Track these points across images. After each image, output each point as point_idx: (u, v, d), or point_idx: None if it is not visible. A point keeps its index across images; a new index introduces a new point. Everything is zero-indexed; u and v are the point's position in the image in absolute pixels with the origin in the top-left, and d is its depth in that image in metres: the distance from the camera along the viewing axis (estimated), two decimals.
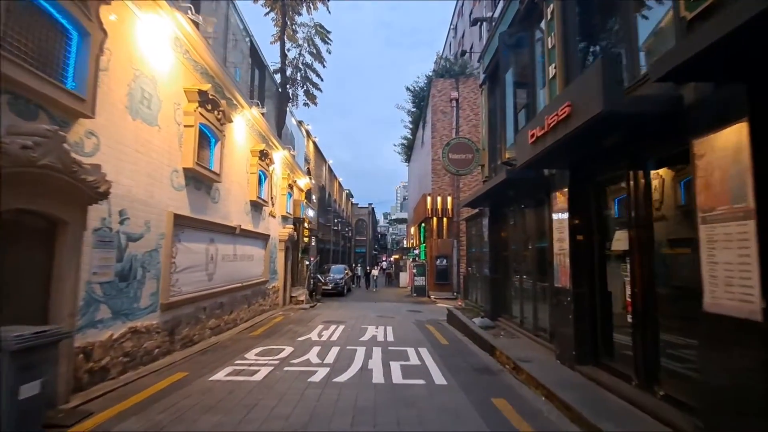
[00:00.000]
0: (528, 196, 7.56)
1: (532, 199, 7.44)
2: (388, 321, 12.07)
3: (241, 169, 10.34)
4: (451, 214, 20.66)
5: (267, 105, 14.49)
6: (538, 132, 4.84)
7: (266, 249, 12.62)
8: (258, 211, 11.78)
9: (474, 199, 8.90)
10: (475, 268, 12.15)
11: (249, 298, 11.09)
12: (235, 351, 7.52)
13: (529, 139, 5.10)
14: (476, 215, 11.64)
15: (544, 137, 4.77)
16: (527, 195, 7.52)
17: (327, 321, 11.63)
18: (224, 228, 9.20)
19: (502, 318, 9.15)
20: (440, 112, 21.33)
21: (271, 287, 13.20)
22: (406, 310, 15.91)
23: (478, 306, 10.75)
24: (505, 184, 6.81)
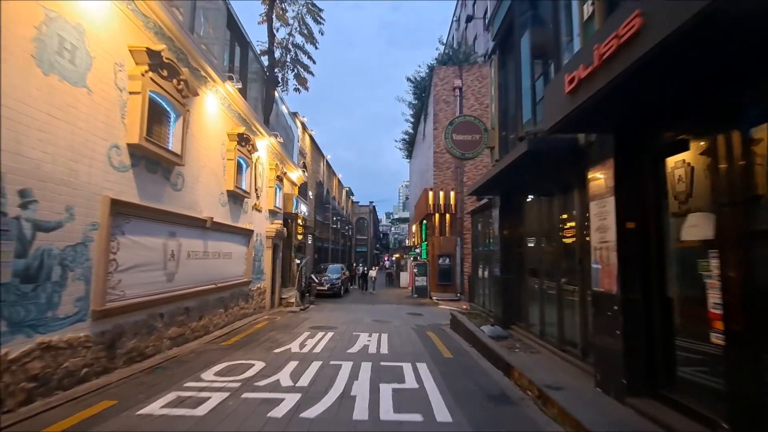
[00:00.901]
0: (552, 178, 6.08)
1: (558, 181, 5.97)
2: (384, 326, 10.62)
3: (214, 153, 8.93)
4: (455, 210, 19.18)
5: (252, 89, 13.09)
6: (582, 72, 3.38)
7: (249, 246, 11.20)
8: (238, 203, 10.36)
9: (482, 185, 7.44)
10: (483, 267, 10.68)
11: (226, 301, 9.67)
12: (193, 368, 6.10)
13: (565, 87, 3.65)
14: (483, 207, 10.17)
15: (590, 79, 3.31)
16: (551, 176, 6.04)
17: (315, 326, 10.20)
18: (190, 220, 7.79)
19: (516, 326, 7.68)
20: (442, 101, 19.86)
21: (255, 288, 11.79)
22: (406, 313, 14.46)
23: (487, 311, 9.29)
24: (525, 159, 5.33)
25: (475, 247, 11.55)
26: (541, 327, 6.59)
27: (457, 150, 8.24)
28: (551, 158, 5.26)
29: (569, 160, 5.10)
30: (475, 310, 10.50)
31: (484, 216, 10.32)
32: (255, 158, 11.48)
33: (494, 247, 8.44)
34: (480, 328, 7.67)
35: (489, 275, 9.72)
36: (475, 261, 11.45)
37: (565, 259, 5.86)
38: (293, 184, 17.13)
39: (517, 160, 5.45)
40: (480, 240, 11.02)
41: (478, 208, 10.67)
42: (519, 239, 7.69)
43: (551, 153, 5.04)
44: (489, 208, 9.91)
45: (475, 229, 11.42)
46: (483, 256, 10.61)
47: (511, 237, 7.88)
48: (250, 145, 10.57)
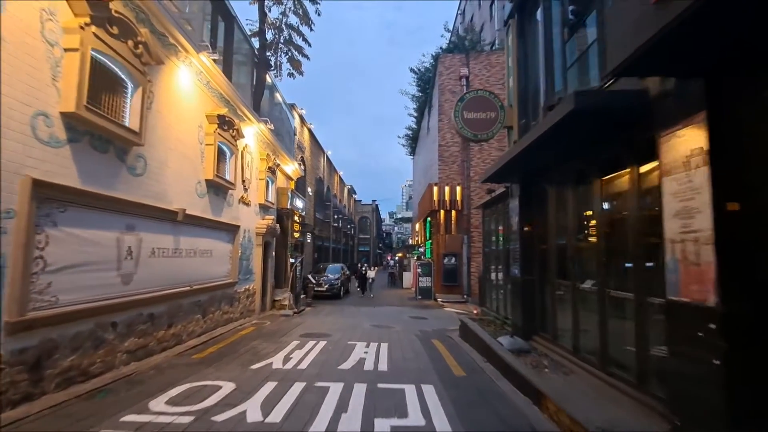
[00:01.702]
0: (595, 154, 4.75)
1: (604, 157, 4.66)
2: (384, 333, 9.36)
3: (189, 137, 7.71)
4: (461, 206, 17.90)
5: (241, 73, 11.88)
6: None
7: (235, 243, 9.99)
8: (220, 195, 9.15)
9: (500, 169, 6.15)
10: (495, 268, 9.39)
11: (205, 305, 8.45)
12: (145, 391, 4.87)
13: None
14: (497, 199, 8.90)
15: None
16: (594, 152, 4.72)
17: (307, 334, 8.96)
18: (156, 212, 6.58)
19: (539, 338, 6.40)
20: (448, 91, 18.58)
21: (242, 290, 10.57)
22: (409, 316, 13.21)
23: (501, 317, 8.02)
24: (561, 129, 4.03)
25: (486, 245, 10.27)
26: (575, 341, 5.30)
27: (468, 130, 6.97)
28: (599, 122, 3.97)
29: (629, 121, 3.80)
30: (488, 315, 9.22)
31: (498, 209, 9.03)
32: (241, 146, 10.26)
33: (512, 244, 7.16)
34: (497, 340, 6.40)
35: (504, 277, 8.44)
36: (487, 260, 10.17)
37: (612, 257, 4.58)
38: (289, 178, 15.92)
39: (550, 130, 4.17)
40: (492, 237, 9.73)
41: (491, 201, 9.39)
42: (543, 234, 6.40)
43: (603, 114, 3.75)
44: (504, 200, 8.63)
45: (486, 225, 10.14)
46: (496, 255, 9.32)
47: (533, 232, 6.61)
48: (235, 130, 9.35)
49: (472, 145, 18.02)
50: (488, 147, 17.98)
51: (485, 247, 10.36)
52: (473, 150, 18.04)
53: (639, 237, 4.01)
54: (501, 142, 17.86)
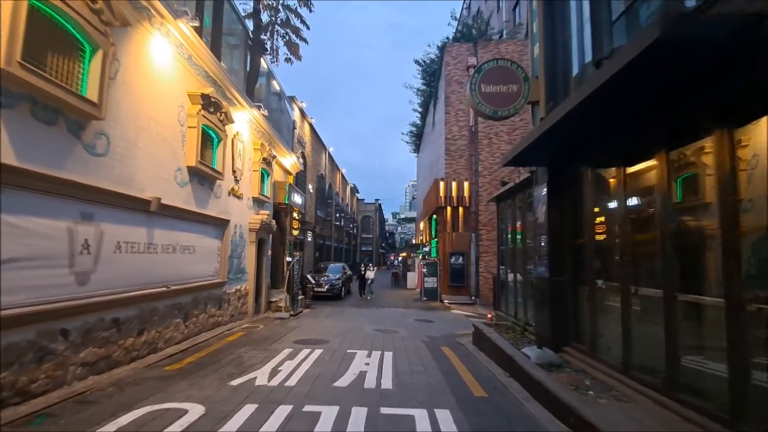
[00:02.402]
0: (665, 113, 3.68)
1: (674, 118, 3.61)
2: (388, 339, 8.36)
3: (166, 116, 6.75)
4: (468, 203, 16.86)
5: (233, 56, 10.93)
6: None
7: (224, 239, 9.01)
8: (206, 184, 8.18)
9: (526, 148, 5.04)
10: (512, 267, 8.34)
11: (187, 307, 7.48)
12: (92, 417, 3.90)
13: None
14: (514, 190, 7.87)
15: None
16: (663, 109, 3.65)
17: (301, 340, 7.97)
18: (122, 199, 5.61)
19: (572, 349, 5.36)
20: (455, 82, 17.56)
21: (233, 291, 9.59)
22: (414, 319, 12.19)
23: (522, 323, 6.98)
24: (641, 65, 2.88)
25: (501, 242, 9.22)
26: (625, 356, 4.26)
27: (486, 105, 5.95)
28: (681, 67, 2.93)
29: (727, 63, 2.78)
30: (504, 321, 8.17)
31: (516, 201, 7.99)
32: (232, 133, 9.30)
33: (537, 239, 6.11)
34: (522, 351, 5.36)
35: (524, 277, 7.40)
36: (502, 259, 9.12)
37: (687, 253, 3.55)
38: (287, 172, 14.94)
39: (610, 81, 3.12)
40: (508, 233, 8.69)
41: (506, 192, 8.34)
42: (578, 227, 5.37)
43: (693, 52, 2.71)
44: (523, 190, 7.60)
45: (501, 220, 9.08)
46: (513, 253, 8.28)
47: (564, 224, 5.57)
48: (223, 114, 8.38)
49: (481, 138, 17.01)
50: (497, 140, 16.96)
51: (500, 245, 9.31)
52: (482, 143, 17.01)
53: (733, 226, 2.98)
54: (511, 135, 16.84)
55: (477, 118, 17.03)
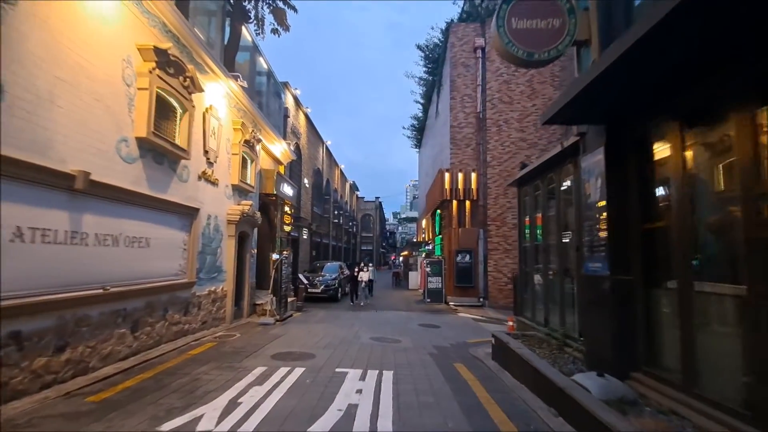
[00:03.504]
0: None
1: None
2: (387, 351, 6.82)
3: (103, 69, 5.22)
4: (476, 196, 15.30)
5: (210, 23, 9.40)
6: None
7: (192, 231, 7.48)
8: (165, 163, 6.65)
9: (576, 98, 3.48)
10: (539, 265, 6.74)
11: (137, 314, 5.94)
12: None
13: None
14: (544, 168, 6.28)
15: None
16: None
17: (281, 354, 6.42)
18: (26, 171, 4.08)
19: (644, 376, 3.80)
20: (461, 65, 16.02)
21: (205, 293, 8.05)
22: (418, 324, 10.66)
23: (559, 335, 5.40)
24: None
25: (523, 235, 7.65)
26: (753, 396, 2.71)
27: (518, 47, 4.38)
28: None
29: None
30: (530, 330, 6.60)
31: (545, 183, 6.41)
32: (202, 105, 7.78)
33: (586, 225, 4.54)
34: (574, 380, 3.80)
35: (558, 277, 5.81)
36: (525, 256, 7.54)
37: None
38: (277, 161, 13.41)
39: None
40: (534, 224, 7.11)
41: (534, 172, 6.72)
42: (651, 206, 3.84)
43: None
44: (553, 169, 6.04)
45: (524, 208, 7.50)
46: (542, 248, 6.70)
47: (629, 203, 4.02)
48: (188, 79, 6.85)
49: (489, 126, 15.46)
50: (507, 127, 15.42)
51: (521, 239, 7.74)
52: (490, 131, 15.45)
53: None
54: (522, 122, 15.28)
55: (485, 103, 15.51)
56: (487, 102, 15.54)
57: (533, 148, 15.17)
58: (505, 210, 15.07)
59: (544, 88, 15.47)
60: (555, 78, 15.51)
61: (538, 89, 15.47)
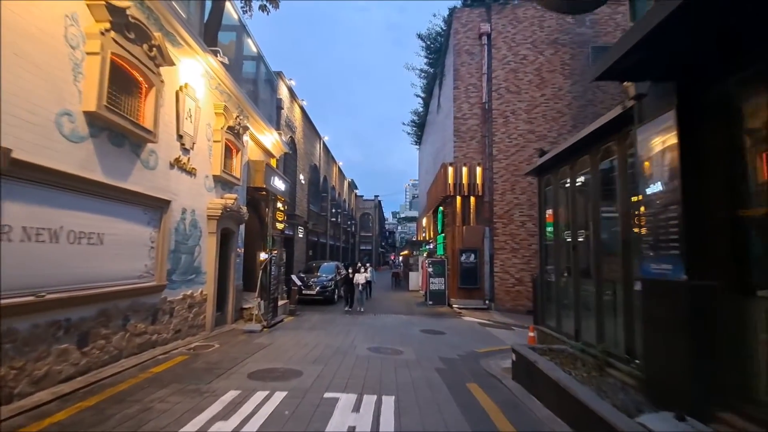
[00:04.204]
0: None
1: None
2: (387, 367, 5.79)
3: (35, 24, 4.18)
4: (481, 191, 14.26)
5: None
6: None
7: (162, 227, 6.43)
8: (128, 146, 5.61)
9: (639, 43, 2.51)
10: (566, 267, 5.68)
11: (88, 325, 4.91)
12: None
13: None
14: (574, 151, 5.24)
15: None
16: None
17: (261, 372, 5.38)
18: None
19: (739, 418, 2.77)
20: (465, 52, 14.98)
21: (178, 298, 7.01)
22: (420, 330, 9.64)
23: (597, 351, 4.35)
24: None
25: (544, 232, 6.60)
26: None
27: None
28: None
29: None
30: (555, 343, 5.57)
31: (575, 169, 5.37)
32: (175, 82, 6.74)
33: (652, 210, 3.51)
34: (640, 423, 2.77)
35: (593, 281, 4.74)
36: (547, 256, 6.48)
37: None
38: (268, 153, 12.38)
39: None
40: (559, 219, 6.06)
41: (560, 157, 5.67)
42: (744, 191, 2.82)
43: None
44: (583, 151, 5.00)
45: (547, 200, 6.41)
46: (568, 247, 5.66)
47: (708, 185, 3.01)
48: (154, 49, 5.80)
49: (495, 117, 14.43)
50: (514, 119, 14.39)
51: (542, 236, 6.68)
52: (496, 123, 14.41)
53: None
54: (531, 113, 14.25)
55: (491, 93, 14.48)
56: (493, 92, 14.51)
57: (543, 140, 14.13)
58: (513, 206, 14.04)
59: (553, 77, 14.44)
60: (565, 67, 14.50)
61: (547, 78, 14.44)
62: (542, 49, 14.59)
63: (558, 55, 14.54)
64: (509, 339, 9.32)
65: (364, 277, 13.10)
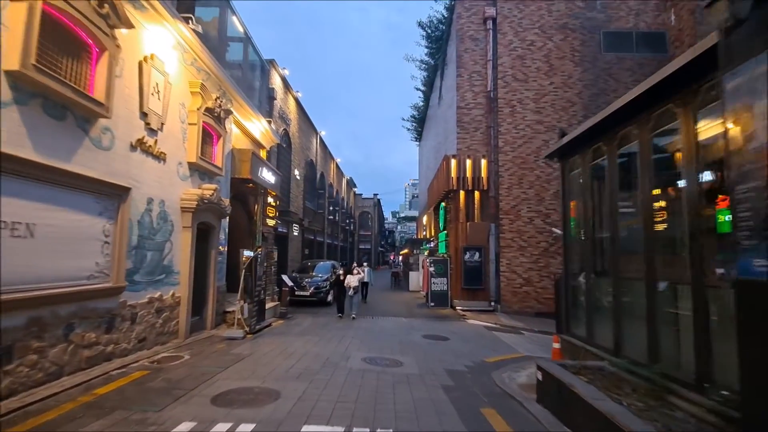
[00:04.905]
0: None
1: None
2: (384, 385, 4.80)
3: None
4: (486, 185, 13.28)
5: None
6: None
7: (119, 218, 5.44)
8: (72, 119, 4.63)
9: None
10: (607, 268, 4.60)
11: (9, 338, 3.91)
12: None
13: None
14: (613, 123, 4.22)
15: None
16: None
17: (228, 394, 4.38)
18: None
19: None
20: (469, 38, 13.99)
21: (144, 301, 6.02)
22: (423, 336, 8.67)
23: (652, 374, 3.38)
24: None
25: (568, 226, 5.54)
26: None
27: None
28: None
29: None
30: (587, 357, 4.59)
31: (622, 140, 4.30)
32: (138, 50, 5.75)
33: (754, 199, 2.55)
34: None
35: (649, 283, 3.70)
36: (573, 254, 5.45)
37: None
38: (257, 143, 11.39)
39: None
40: (590, 210, 5.01)
41: (594, 131, 4.59)
42: None
43: None
44: (654, 107, 3.99)
45: (574, 187, 5.37)
46: (603, 243, 4.64)
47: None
48: (104, 5, 4.81)
49: (501, 107, 13.45)
50: (521, 108, 13.41)
51: (567, 232, 5.62)
52: (502, 113, 13.43)
53: None
54: (539, 102, 13.27)
55: (496, 81, 13.48)
56: (498, 80, 13.52)
57: (551, 131, 13.15)
58: (520, 201, 13.05)
59: (563, 64, 13.47)
60: (575, 53, 13.53)
61: (556, 65, 13.47)
62: (551, 35, 13.61)
63: (567, 41, 13.57)
64: (520, 345, 8.36)
65: (357, 279, 11.24)
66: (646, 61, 13.21)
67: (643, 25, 13.59)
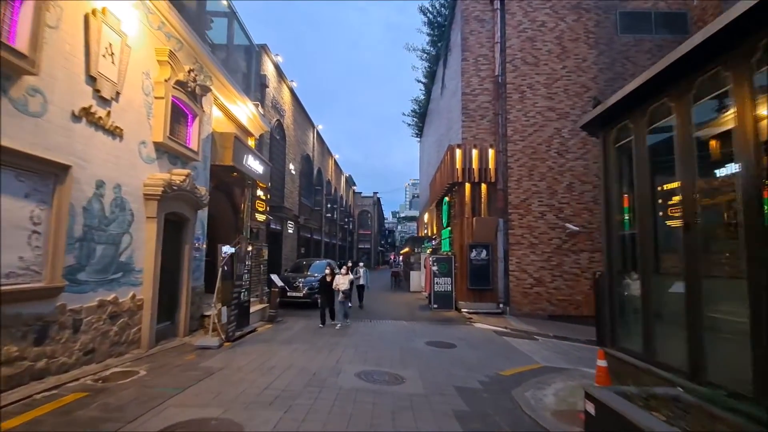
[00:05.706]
0: None
1: None
2: (382, 413, 3.73)
3: None
4: (494, 177, 12.21)
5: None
6: None
7: (56, 203, 4.39)
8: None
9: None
10: (677, 268, 3.48)
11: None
12: None
13: None
14: (679, 72, 3.17)
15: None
16: None
17: (177, 427, 3.31)
18: None
19: None
20: (474, 19, 12.93)
21: (93, 304, 4.96)
22: (426, 343, 7.62)
23: (751, 406, 2.38)
24: None
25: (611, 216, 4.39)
26: None
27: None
28: None
29: None
30: (647, 378, 3.53)
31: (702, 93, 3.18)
32: (83, 4, 4.69)
33: None
34: None
35: (756, 287, 2.64)
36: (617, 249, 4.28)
37: None
38: (244, 130, 10.33)
39: None
40: (646, 193, 3.86)
41: (650, 84, 3.48)
42: None
43: None
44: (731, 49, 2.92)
45: (621, 167, 4.23)
46: (671, 238, 3.50)
47: None
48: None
49: (510, 93, 12.39)
50: (532, 94, 12.35)
51: (609, 223, 4.46)
52: (511, 99, 12.37)
53: None
54: (551, 88, 12.21)
55: (504, 65, 12.42)
56: (507, 64, 12.46)
57: (564, 119, 12.12)
58: (531, 195, 11.99)
59: (576, 46, 12.41)
60: (589, 35, 12.47)
61: (569, 48, 12.41)
62: (563, 15, 12.55)
63: (581, 22, 12.51)
64: (536, 353, 7.30)
65: (348, 281, 9.30)
66: (666, 43, 12.14)
67: (662, 5, 12.53)
